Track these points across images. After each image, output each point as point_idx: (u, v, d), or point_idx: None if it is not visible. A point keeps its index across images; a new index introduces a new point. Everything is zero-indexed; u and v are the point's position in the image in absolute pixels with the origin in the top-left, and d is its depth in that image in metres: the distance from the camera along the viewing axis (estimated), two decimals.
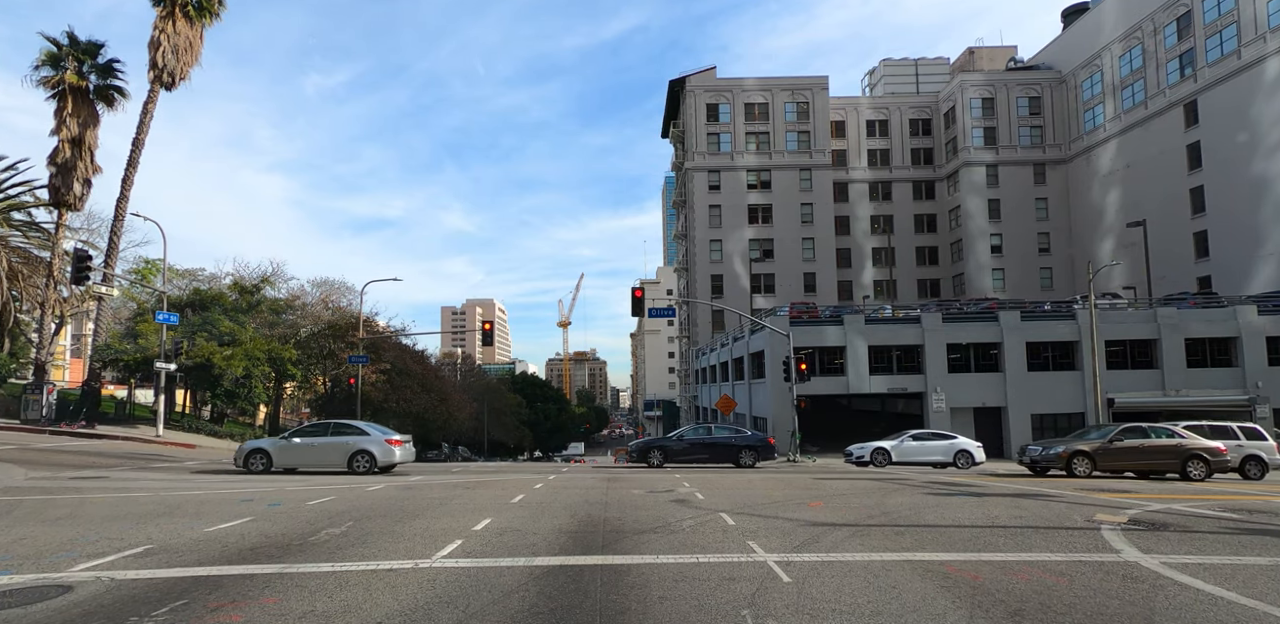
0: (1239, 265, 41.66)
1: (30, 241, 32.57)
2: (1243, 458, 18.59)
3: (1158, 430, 17.86)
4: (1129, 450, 17.40)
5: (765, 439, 21.68)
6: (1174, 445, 17.35)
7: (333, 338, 36.56)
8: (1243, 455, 18.62)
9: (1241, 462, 18.54)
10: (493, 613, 4.82)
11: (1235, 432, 19.61)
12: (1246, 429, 19.93)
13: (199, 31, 30.43)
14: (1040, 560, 6.63)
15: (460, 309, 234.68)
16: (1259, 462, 18.65)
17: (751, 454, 21.05)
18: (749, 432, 22.29)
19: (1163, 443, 17.40)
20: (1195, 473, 17.10)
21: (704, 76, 60.88)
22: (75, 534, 7.92)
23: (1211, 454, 17.31)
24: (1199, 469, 17.11)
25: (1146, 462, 17.45)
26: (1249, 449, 18.91)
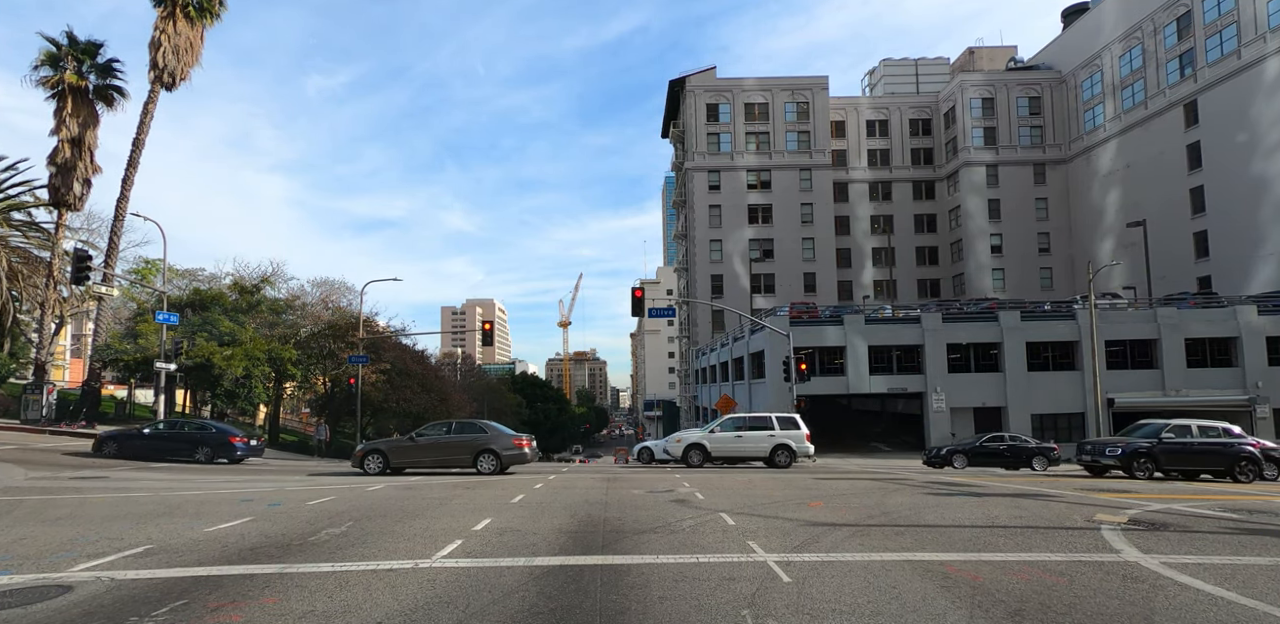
0: (1239, 265, 41.65)
1: (30, 241, 32.57)
2: None
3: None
4: None
5: None
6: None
7: (333, 338, 36.56)
8: None
9: None
10: (493, 613, 4.82)
11: None
12: None
13: (199, 32, 30.42)
14: (1040, 560, 6.63)
15: (460, 309, 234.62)
16: None
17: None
18: None
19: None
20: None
21: (704, 77, 60.88)
22: (75, 534, 7.92)
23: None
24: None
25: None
26: None
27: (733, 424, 21.17)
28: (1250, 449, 16.94)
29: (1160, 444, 17.20)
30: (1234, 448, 16.92)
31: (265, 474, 18.08)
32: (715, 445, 20.60)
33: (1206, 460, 17.17)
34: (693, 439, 20.86)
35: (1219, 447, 17.05)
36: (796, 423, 20.89)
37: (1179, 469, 17.39)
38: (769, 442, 20.53)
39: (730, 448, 20.69)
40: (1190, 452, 17.15)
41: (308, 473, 19.18)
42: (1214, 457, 17.10)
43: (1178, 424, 17.89)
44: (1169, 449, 17.14)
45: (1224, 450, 16.98)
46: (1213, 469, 17.16)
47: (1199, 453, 17.13)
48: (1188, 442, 17.26)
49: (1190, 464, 17.31)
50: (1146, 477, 17.03)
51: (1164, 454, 17.09)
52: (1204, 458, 17.17)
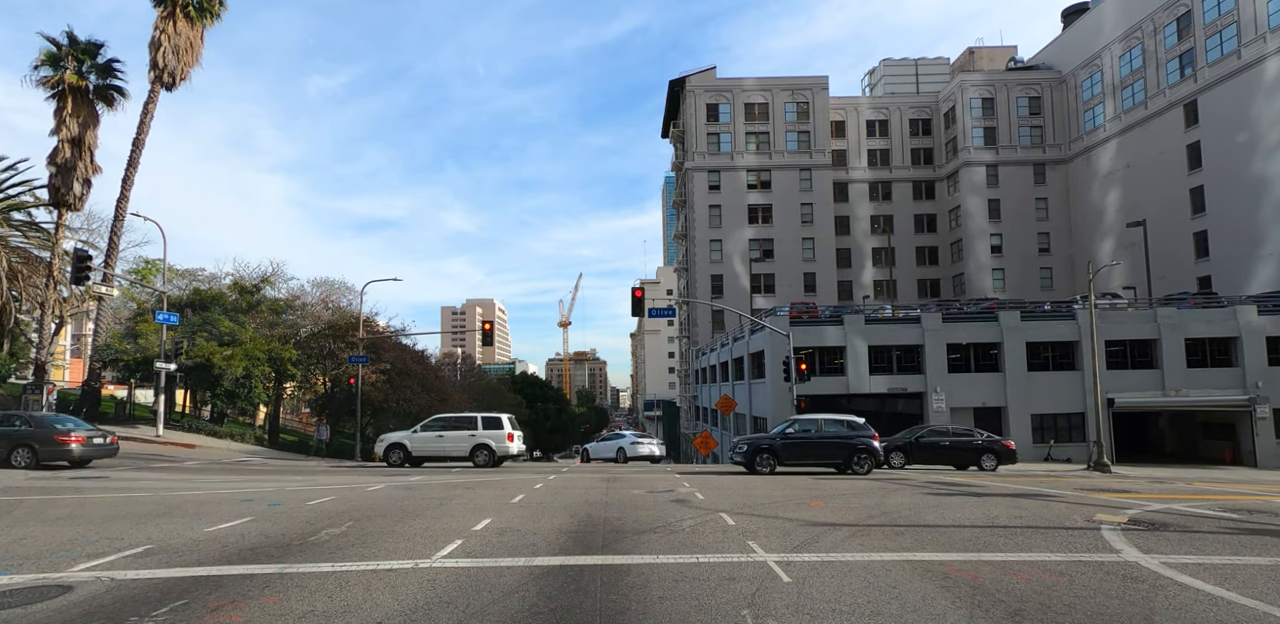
0: (1239, 265, 41.64)
1: (30, 241, 32.55)
2: None
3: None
4: None
5: None
6: None
7: (333, 338, 36.54)
8: None
9: None
10: (493, 613, 4.82)
11: None
12: None
13: (199, 32, 30.42)
14: (1040, 560, 6.64)
15: (460, 309, 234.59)
16: None
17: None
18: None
19: None
20: None
21: (704, 76, 60.87)
22: (75, 534, 7.92)
23: None
24: None
25: None
26: None
27: (438, 424, 21.21)
28: (869, 442, 17.66)
29: (782, 439, 17.88)
30: (853, 441, 17.64)
31: (268, 474, 18.09)
32: (416, 445, 20.69)
33: (825, 453, 17.82)
34: (394, 439, 21.04)
35: (838, 440, 17.75)
36: (500, 423, 20.96)
37: (799, 463, 17.94)
38: (469, 442, 20.63)
39: (431, 447, 20.77)
40: (810, 446, 17.81)
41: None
42: (833, 449, 17.75)
43: (804, 419, 18.81)
44: (789, 444, 17.77)
45: (843, 443, 17.65)
46: (832, 462, 17.71)
47: (818, 446, 17.81)
48: (809, 436, 17.94)
49: (810, 457, 17.94)
50: (769, 471, 17.46)
51: (784, 449, 17.74)
52: (823, 451, 17.83)
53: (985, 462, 20.65)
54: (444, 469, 21.36)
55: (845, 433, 18.02)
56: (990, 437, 22.04)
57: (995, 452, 20.81)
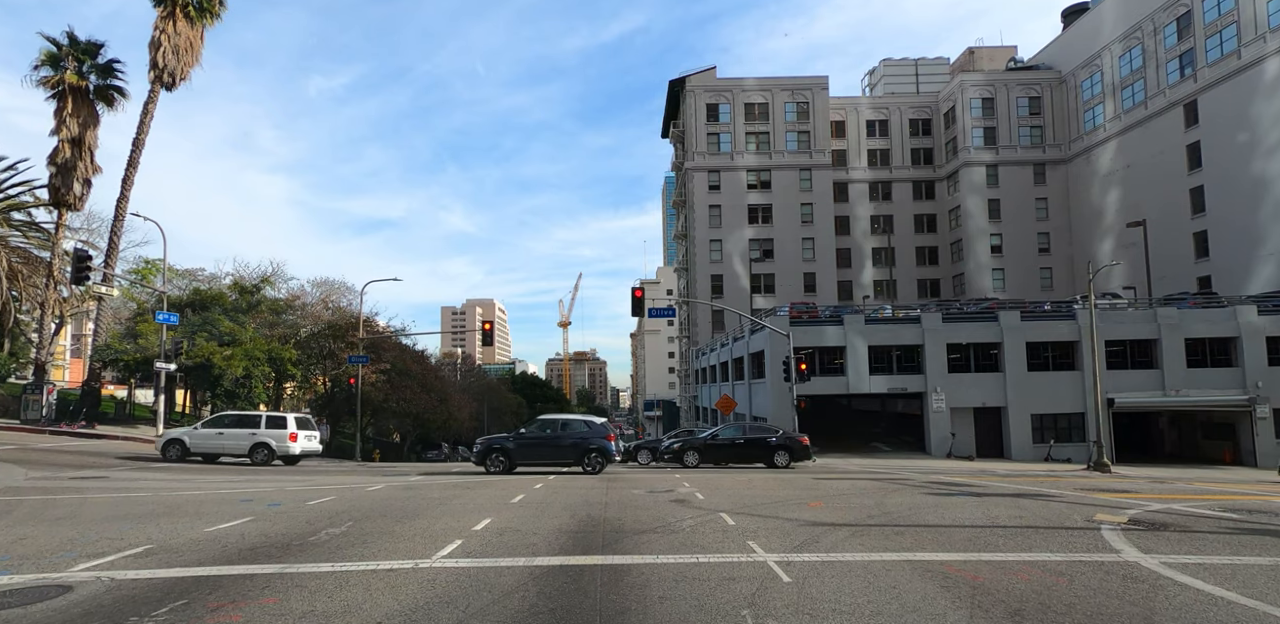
0: (1239, 265, 41.64)
1: (30, 241, 32.57)
2: None
3: None
4: None
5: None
6: None
7: (333, 338, 36.55)
8: None
9: None
10: (493, 613, 4.82)
11: None
12: None
13: (199, 32, 30.42)
14: (1040, 560, 6.64)
15: (460, 309, 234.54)
16: None
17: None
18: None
19: None
20: None
21: (704, 76, 60.86)
22: (75, 534, 7.92)
23: None
24: None
25: None
26: None
27: (223, 421, 21.25)
28: (602, 442, 18.18)
29: (516, 439, 18.35)
30: (587, 441, 18.16)
31: (268, 474, 18.08)
32: (195, 441, 20.71)
33: (559, 453, 18.31)
34: (173, 435, 21.05)
35: (574, 440, 18.15)
36: (284, 423, 21.05)
37: (533, 463, 18.39)
38: (250, 440, 20.68)
39: (210, 444, 20.79)
40: (544, 445, 18.29)
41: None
42: (566, 449, 18.23)
43: (545, 419, 19.76)
44: (524, 444, 18.23)
45: (577, 443, 18.11)
46: (565, 461, 18.28)
47: (553, 446, 18.30)
48: (544, 436, 18.44)
49: (545, 457, 18.33)
50: (501, 471, 18.03)
51: (518, 449, 18.14)
52: (557, 451, 18.32)
53: (778, 458, 21.00)
54: (444, 470, 21.38)
55: (582, 433, 18.38)
56: (786, 433, 22.15)
57: (789, 448, 21.08)
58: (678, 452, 21.90)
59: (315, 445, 22.35)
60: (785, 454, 20.91)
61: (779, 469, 20.54)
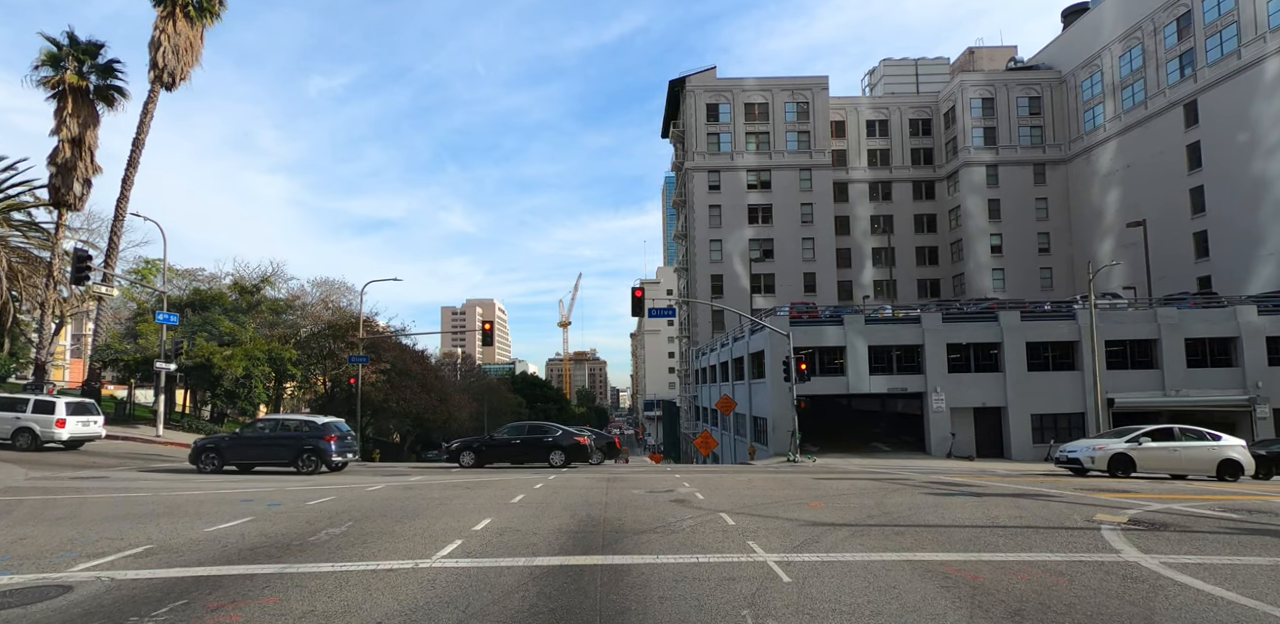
0: (1239, 265, 41.64)
1: (30, 241, 32.56)
2: None
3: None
4: None
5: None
6: None
7: (333, 338, 36.57)
8: None
9: None
10: (493, 613, 4.82)
11: None
12: None
13: (199, 32, 30.42)
14: (1040, 560, 6.64)
15: (460, 309, 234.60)
16: None
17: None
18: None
19: None
20: None
21: (704, 76, 60.86)
22: (75, 534, 7.92)
23: None
24: None
25: None
26: None
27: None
28: (317, 442, 18.03)
29: (232, 439, 18.33)
30: (302, 441, 18.00)
31: (267, 474, 18.09)
32: None
33: (273, 453, 18.14)
34: None
35: (289, 440, 18.06)
36: (52, 408, 20.70)
37: (247, 461, 18.21)
38: (13, 424, 20.34)
39: None
40: (259, 445, 18.19)
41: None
42: (280, 449, 18.05)
43: (266, 419, 19.72)
44: (238, 443, 18.11)
45: (292, 443, 18.03)
46: (279, 461, 18.10)
47: (267, 445, 18.17)
48: (261, 435, 18.40)
49: (259, 457, 18.21)
50: (213, 470, 17.75)
51: (230, 448, 17.97)
52: (271, 450, 18.16)
53: (554, 458, 21.07)
54: (443, 470, 21.38)
55: (300, 433, 18.29)
56: (565, 433, 22.09)
57: (564, 448, 21.20)
58: (454, 452, 21.97)
59: (94, 430, 21.74)
60: (561, 454, 20.99)
61: (558, 468, 20.59)
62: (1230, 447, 18.04)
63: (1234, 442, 18.30)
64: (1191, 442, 18.19)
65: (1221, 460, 17.80)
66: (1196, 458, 17.95)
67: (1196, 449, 17.99)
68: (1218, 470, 17.82)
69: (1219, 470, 17.80)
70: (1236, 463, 17.84)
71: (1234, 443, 18.22)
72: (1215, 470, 17.83)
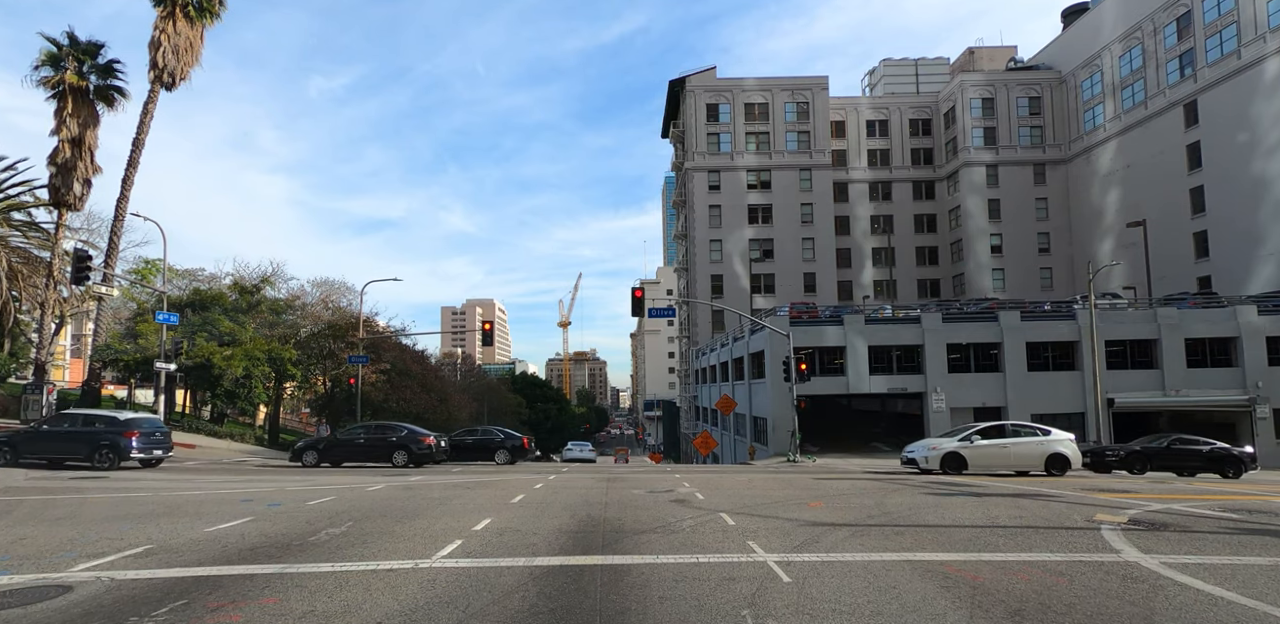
0: (1239, 265, 41.64)
1: (30, 241, 32.56)
2: None
3: None
4: None
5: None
6: None
7: (333, 338, 36.53)
8: None
9: None
10: (493, 613, 4.82)
11: None
12: None
13: (199, 32, 30.41)
14: (1040, 560, 6.64)
15: (460, 309, 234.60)
16: None
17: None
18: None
19: None
20: None
21: (704, 76, 60.86)
22: (75, 534, 7.92)
23: None
24: None
25: None
26: None
27: None
28: (115, 437, 17.91)
29: (26, 433, 18.55)
30: (99, 436, 17.78)
31: (267, 474, 18.09)
32: None
33: (69, 448, 18.15)
34: None
35: (88, 435, 17.92)
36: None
37: (40, 456, 18.22)
38: None
39: None
40: (54, 439, 18.20)
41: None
42: (78, 444, 17.95)
43: (69, 413, 19.74)
44: (33, 436, 18.29)
45: (89, 438, 17.92)
46: (76, 456, 18.09)
47: (63, 440, 18.15)
48: (60, 430, 18.36)
49: (51, 451, 18.29)
50: (3, 464, 17.89)
51: (24, 442, 18.06)
52: (66, 445, 18.14)
53: (397, 458, 21.45)
54: (443, 470, 21.38)
55: (99, 429, 18.19)
56: (412, 431, 22.36)
57: (407, 448, 21.55)
58: (297, 451, 22.12)
59: None
60: (404, 453, 21.40)
61: (403, 468, 20.88)
62: (1058, 441, 18.17)
63: (1063, 436, 18.43)
64: (1022, 438, 18.35)
65: (1050, 455, 17.99)
66: (1025, 453, 18.08)
67: (1026, 445, 18.11)
68: (1045, 465, 18.01)
69: (1047, 464, 17.99)
70: (1064, 457, 18.01)
71: (1062, 437, 18.34)
72: (1043, 465, 18.03)
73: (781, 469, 21.87)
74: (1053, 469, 17.90)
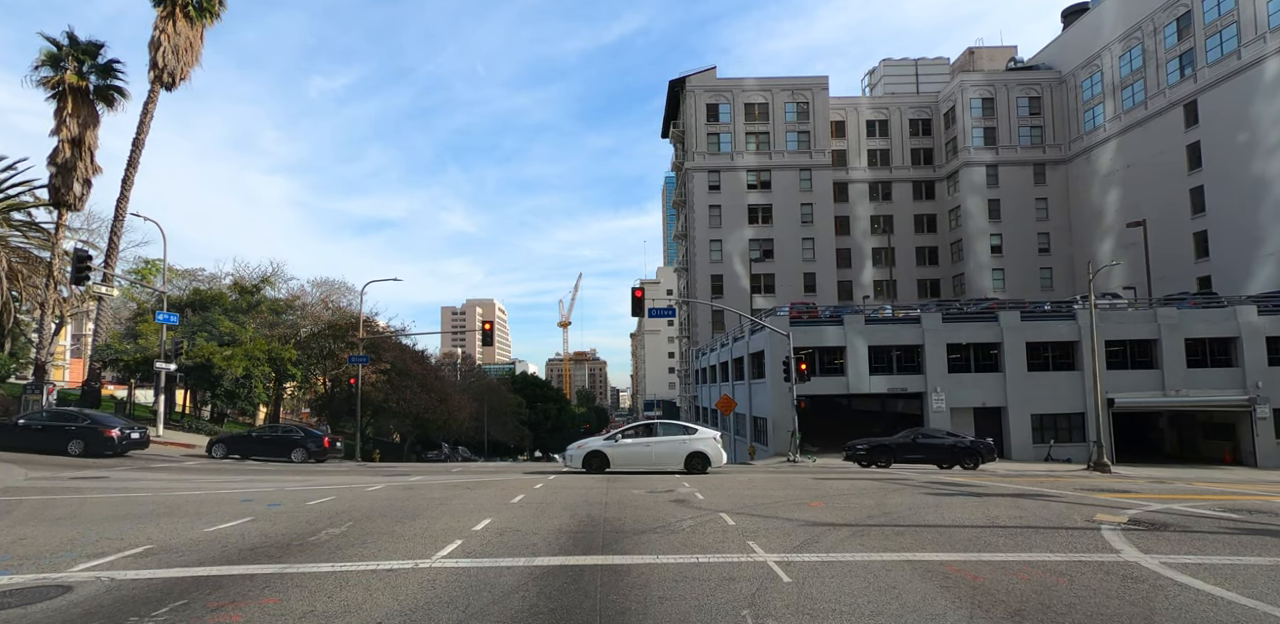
0: (1239, 265, 41.64)
1: (30, 241, 32.56)
2: None
3: None
4: None
5: None
6: None
7: (333, 338, 36.57)
8: None
9: None
10: (493, 613, 4.82)
11: None
12: None
13: (199, 32, 30.43)
14: (1040, 560, 6.63)
15: (460, 309, 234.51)
16: None
17: None
18: None
19: None
20: None
21: (704, 76, 60.85)
22: (75, 534, 7.92)
23: None
24: None
25: None
26: None
27: None
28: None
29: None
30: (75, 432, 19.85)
31: (267, 474, 18.08)
32: None
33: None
34: None
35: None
36: None
37: None
38: None
39: None
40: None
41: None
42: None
43: None
44: None
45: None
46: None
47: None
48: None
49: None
50: None
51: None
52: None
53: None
54: (444, 469, 21.39)
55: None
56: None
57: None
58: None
59: None
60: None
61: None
62: (700, 440, 18.15)
63: (706, 435, 18.40)
64: (667, 436, 18.37)
65: (690, 454, 17.99)
66: (667, 452, 18.06)
67: (667, 444, 18.12)
68: (685, 463, 17.92)
69: (686, 463, 17.91)
70: (704, 456, 17.99)
71: (705, 437, 18.31)
72: (683, 464, 17.93)
73: (781, 469, 21.87)
74: (692, 468, 17.82)
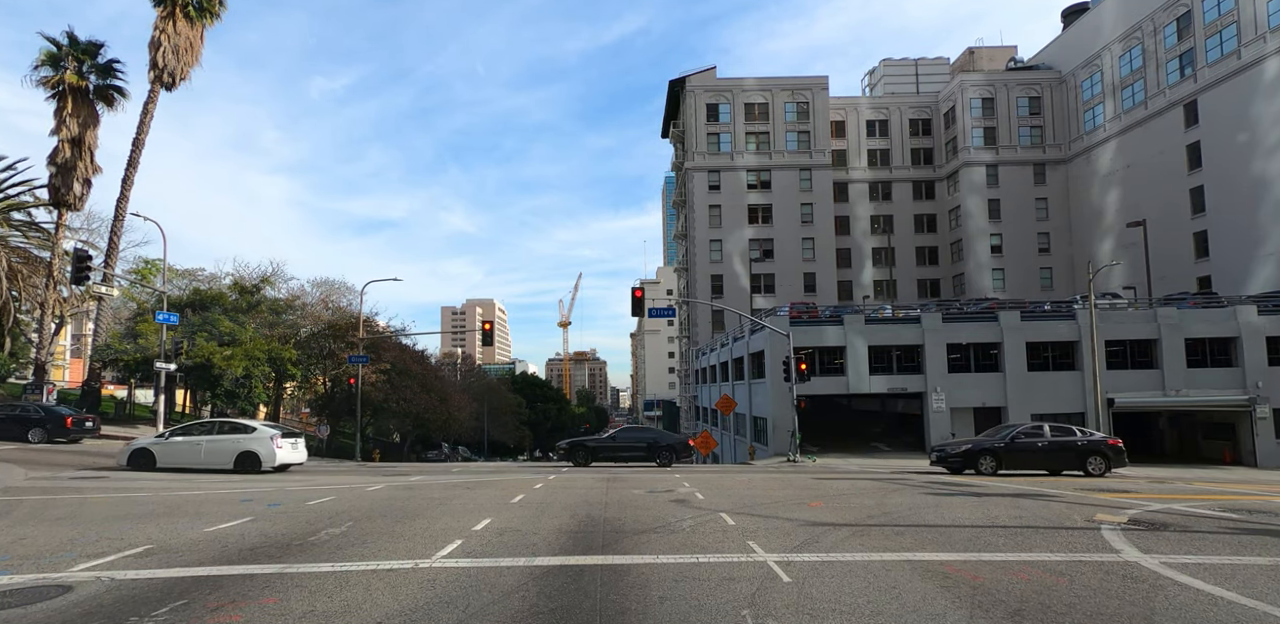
0: (1239, 265, 41.63)
1: (30, 241, 32.55)
2: None
3: None
4: None
5: None
6: None
7: (333, 338, 36.57)
8: None
9: None
10: (493, 613, 4.82)
11: None
12: None
13: (199, 32, 30.43)
14: (1040, 560, 6.63)
15: (460, 309, 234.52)
16: None
17: None
18: None
19: None
20: None
21: (704, 76, 60.84)
22: (75, 534, 7.92)
23: None
24: None
25: None
26: None
27: None
28: None
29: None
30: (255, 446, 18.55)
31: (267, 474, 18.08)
32: None
33: None
34: None
35: None
36: None
37: None
38: None
39: None
40: None
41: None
42: None
43: None
44: None
45: None
46: None
47: None
48: None
49: None
50: None
51: None
52: None
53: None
54: (444, 469, 21.39)
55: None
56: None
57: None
58: None
59: None
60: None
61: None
62: (256, 440, 17.64)
63: (264, 434, 17.81)
64: (219, 434, 17.93)
65: (240, 453, 17.48)
66: (218, 450, 17.58)
67: (220, 442, 17.69)
68: (235, 463, 17.43)
69: (236, 463, 17.43)
70: (255, 455, 17.47)
71: (262, 436, 17.74)
72: (233, 463, 17.45)
73: (781, 469, 21.87)
74: (244, 467, 17.37)
